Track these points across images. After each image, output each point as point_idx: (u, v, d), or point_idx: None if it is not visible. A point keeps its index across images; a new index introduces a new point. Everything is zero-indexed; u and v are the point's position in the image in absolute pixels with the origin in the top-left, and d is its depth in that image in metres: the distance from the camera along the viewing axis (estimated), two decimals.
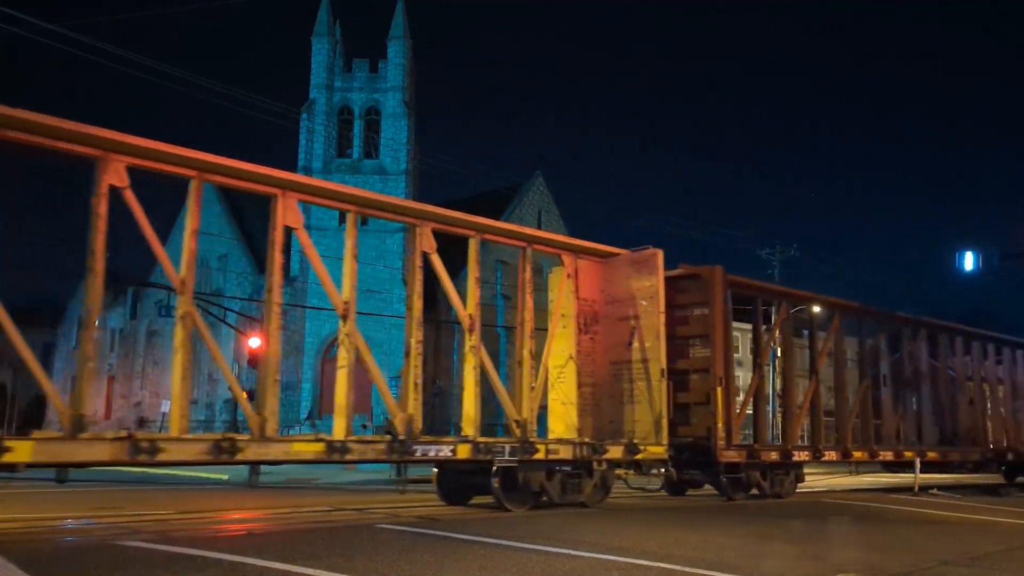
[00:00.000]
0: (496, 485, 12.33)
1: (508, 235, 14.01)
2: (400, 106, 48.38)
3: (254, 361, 34.11)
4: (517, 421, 12.97)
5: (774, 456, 16.69)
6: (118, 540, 8.79)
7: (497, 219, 15.94)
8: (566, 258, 14.63)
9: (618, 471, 14.22)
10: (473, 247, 13.04)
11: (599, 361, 15.07)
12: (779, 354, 21.70)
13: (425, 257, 12.42)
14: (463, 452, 11.84)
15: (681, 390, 15.71)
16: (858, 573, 7.78)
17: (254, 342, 35.03)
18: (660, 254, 14.63)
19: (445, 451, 11.70)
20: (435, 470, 13.75)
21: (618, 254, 15.21)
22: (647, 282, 14.60)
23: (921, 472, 20.31)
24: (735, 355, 17.78)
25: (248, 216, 49.98)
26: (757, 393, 17.56)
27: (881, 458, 19.94)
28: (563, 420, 14.56)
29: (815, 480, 25.39)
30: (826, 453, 18.20)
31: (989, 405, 24.51)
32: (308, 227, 51.45)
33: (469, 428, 12.43)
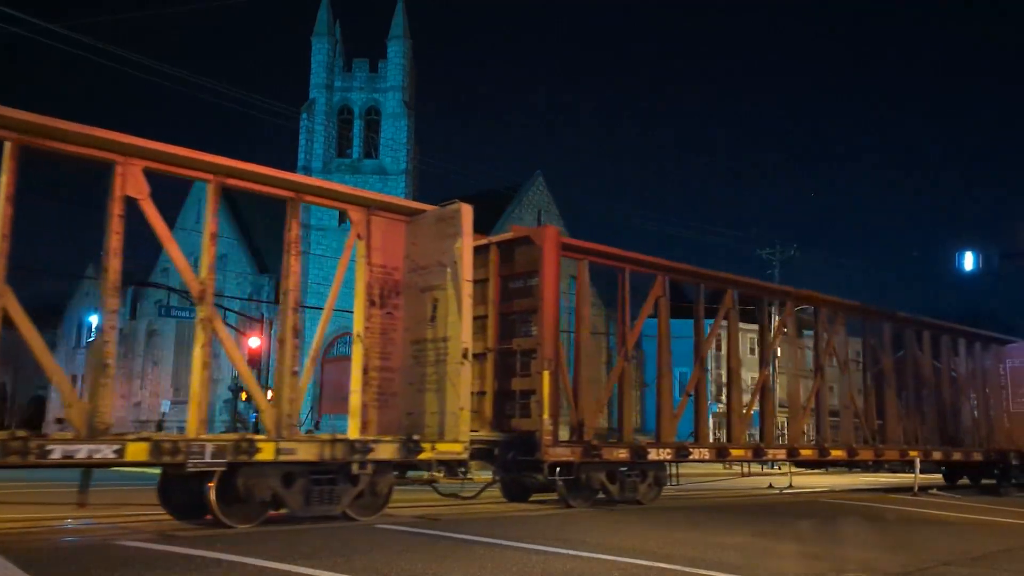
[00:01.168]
0: (212, 495, 9.81)
1: (265, 181, 11.37)
2: (400, 106, 48.38)
3: (253, 361, 34.14)
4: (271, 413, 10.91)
5: (622, 455, 14.08)
6: (118, 540, 8.78)
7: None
8: (354, 214, 12.20)
9: (430, 474, 11.84)
10: (212, 195, 11.06)
11: (399, 341, 12.58)
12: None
13: (134, 206, 10.03)
14: (136, 453, 9.14)
15: (518, 375, 13.69)
16: (858, 573, 7.78)
17: (253, 342, 35.05)
18: (467, 210, 12.21)
19: (106, 452, 8.97)
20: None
21: (423, 211, 12.78)
22: (452, 244, 12.15)
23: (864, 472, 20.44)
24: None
25: (248, 216, 50.02)
26: (622, 379, 15.02)
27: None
28: (356, 414, 12.18)
29: (816, 480, 25.39)
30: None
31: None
32: (307, 226, 51.63)
33: (194, 422, 10.19)
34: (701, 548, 9.05)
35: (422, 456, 11.41)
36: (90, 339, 61.79)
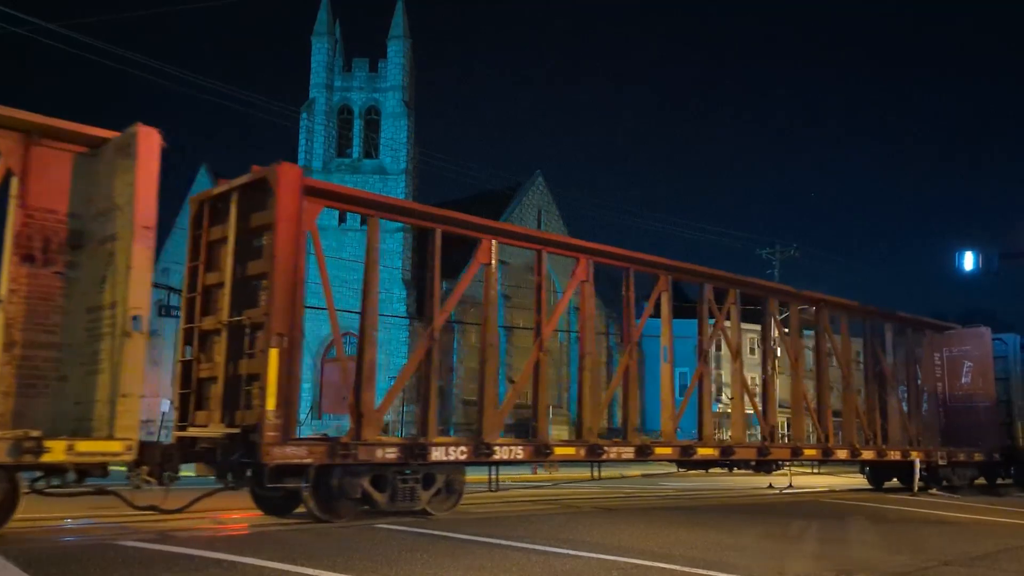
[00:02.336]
0: None
1: None
2: (400, 106, 48.39)
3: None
4: None
5: (390, 455, 11.20)
6: (117, 540, 8.78)
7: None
8: (3, 143, 9.44)
9: (137, 478, 9.91)
10: None
11: (72, 309, 9.89)
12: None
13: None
14: None
15: (246, 355, 10.98)
16: (858, 573, 7.78)
17: None
18: (147, 133, 9.60)
19: None
20: None
21: (106, 140, 10.01)
22: (126, 182, 9.55)
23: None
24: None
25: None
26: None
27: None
28: None
29: (816, 480, 25.39)
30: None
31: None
32: None
33: None
34: (701, 548, 9.05)
35: (47, 458, 8.81)
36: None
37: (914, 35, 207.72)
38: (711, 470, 27.14)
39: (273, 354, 10.36)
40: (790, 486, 22.23)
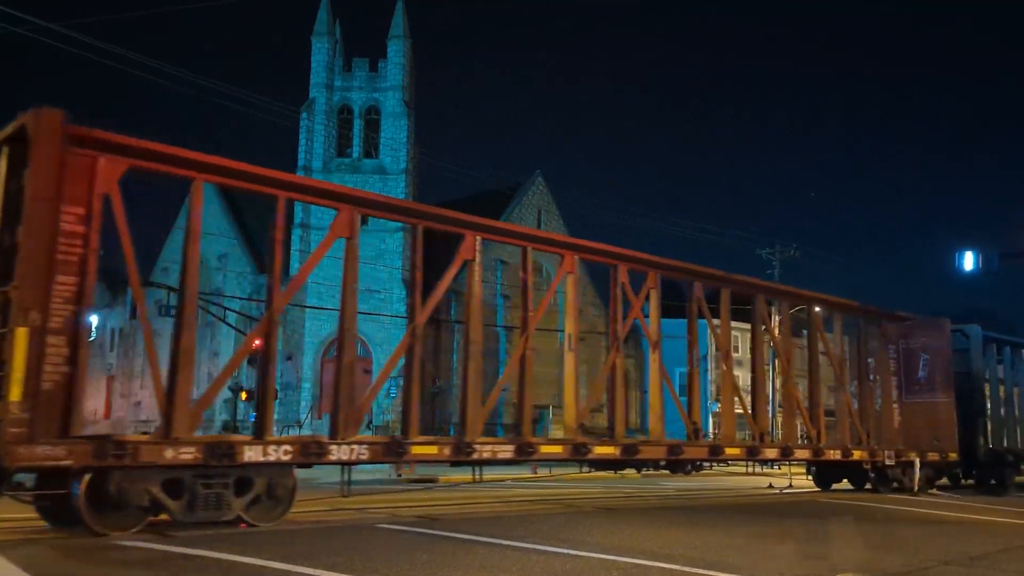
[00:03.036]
0: None
1: None
2: (400, 105, 48.38)
3: (253, 361, 34.09)
4: None
5: (185, 455, 9.51)
6: (117, 540, 8.78)
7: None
8: None
9: None
10: None
11: None
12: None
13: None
14: None
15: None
16: (858, 573, 7.78)
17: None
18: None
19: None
20: None
21: None
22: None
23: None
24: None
25: (248, 215, 50.03)
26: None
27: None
28: None
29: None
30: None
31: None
32: (307, 226, 51.65)
33: None
34: (701, 548, 9.05)
35: None
36: (90, 338, 61.67)
37: (914, 35, 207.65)
38: (711, 468, 26.84)
39: (20, 334, 8.65)
40: (790, 486, 22.22)
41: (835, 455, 18.12)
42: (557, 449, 13.43)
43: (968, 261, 25.48)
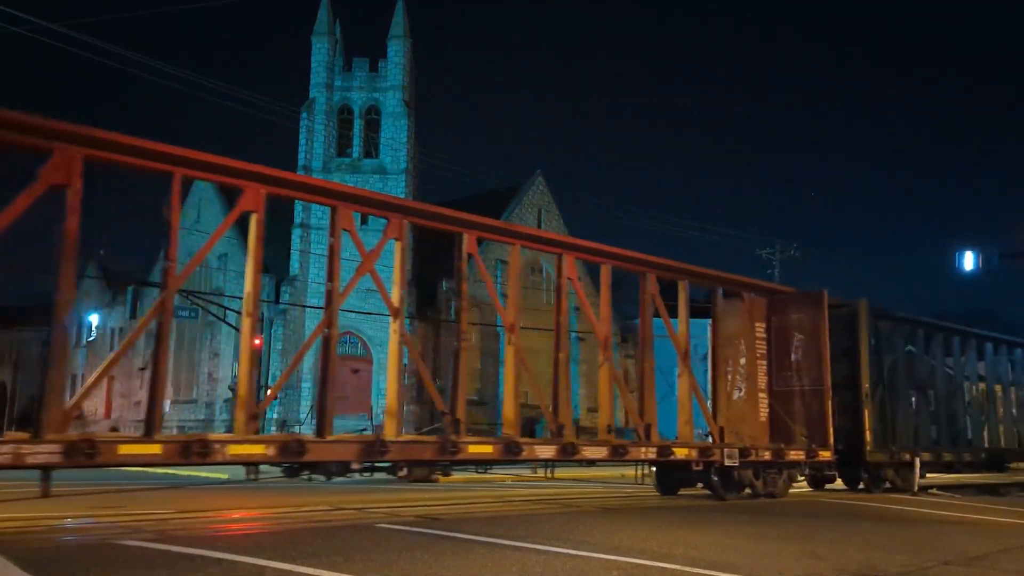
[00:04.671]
0: None
1: None
2: (400, 105, 48.38)
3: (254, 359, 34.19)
4: None
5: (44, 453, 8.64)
6: (118, 539, 8.79)
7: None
8: None
9: None
10: None
11: None
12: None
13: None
14: None
15: None
16: (858, 573, 7.78)
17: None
18: None
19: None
20: None
21: None
22: None
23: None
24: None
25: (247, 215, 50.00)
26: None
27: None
28: None
29: None
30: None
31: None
32: (308, 226, 51.81)
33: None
34: (701, 548, 9.05)
35: None
36: (90, 338, 61.76)
37: (915, 35, 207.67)
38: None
39: None
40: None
41: (648, 453, 14.64)
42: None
43: (968, 261, 25.51)
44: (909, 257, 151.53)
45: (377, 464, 12.32)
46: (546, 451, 13.64)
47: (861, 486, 19.41)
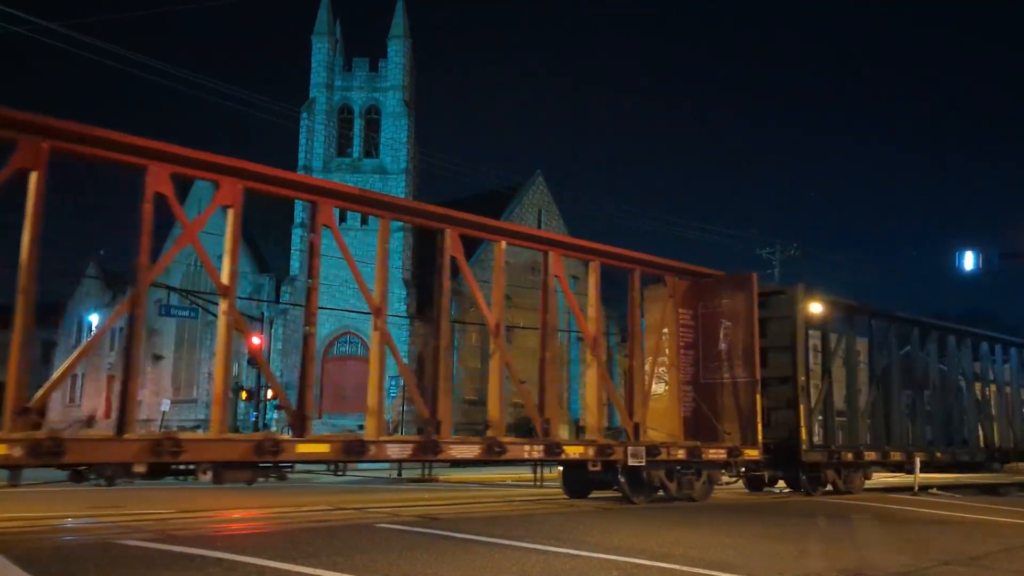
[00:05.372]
0: None
1: None
2: (400, 105, 48.37)
3: (253, 360, 34.19)
4: None
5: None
6: (118, 539, 8.79)
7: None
8: None
9: None
10: None
11: None
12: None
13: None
14: None
15: None
16: (857, 572, 7.78)
17: (253, 341, 35.18)
18: None
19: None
20: None
21: None
22: None
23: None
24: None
25: (248, 215, 49.98)
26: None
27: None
28: None
29: None
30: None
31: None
32: (306, 225, 51.39)
33: None
34: (700, 548, 9.06)
35: None
36: (90, 338, 61.75)
37: (915, 35, 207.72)
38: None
39: None
40: None
41: (531, 453, 13.17)
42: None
43: (968, 261, 25.51)
44: (909, 257, 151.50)
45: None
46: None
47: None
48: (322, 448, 11.18)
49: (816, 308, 18.76)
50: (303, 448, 10.86)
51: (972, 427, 23.22)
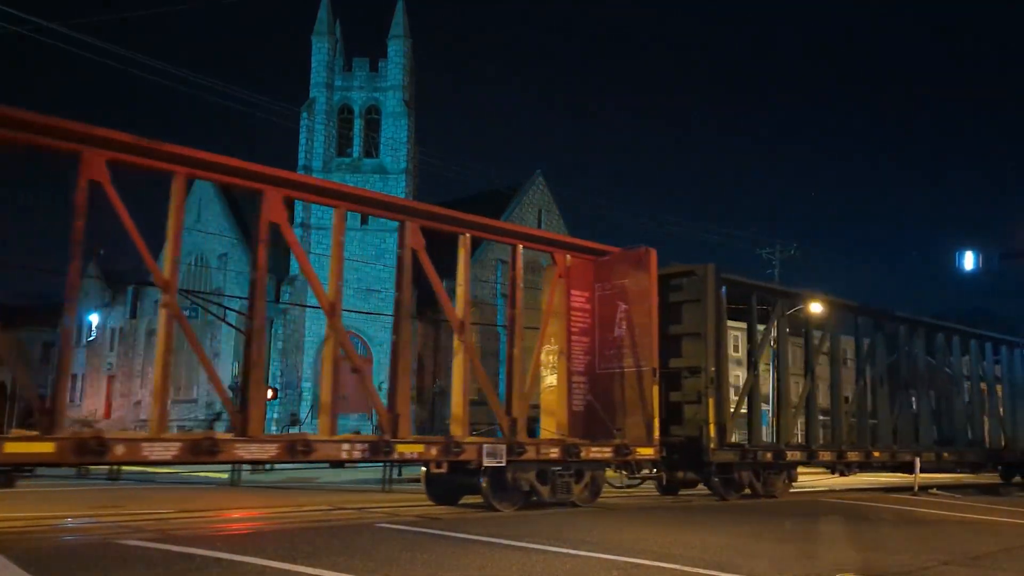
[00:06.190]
0: None
1: None
2: (400, 105, 48.39)
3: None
4: None
5: None
6: (118, 539, 8.79)
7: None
8: None
9: None
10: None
11: None
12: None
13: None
14: None
15: None
16: (858, 572, 7.78)
17: None
18: None
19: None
20: None
21: None
22: None
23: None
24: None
25: (248, 214, 50.08)
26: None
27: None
28: None
29: (816, 480, 25.39)
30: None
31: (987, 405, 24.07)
32: (308, 226, 51.72)
33: None
34: (701, 548, 9.06)
35: None
36: (90, 338, 61.75)
37: (915, 36, 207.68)
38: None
39: None
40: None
41: (351, 452, 11.17)
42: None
43: (968, 261, 25.54)
44: (909, 257, 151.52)
45: None
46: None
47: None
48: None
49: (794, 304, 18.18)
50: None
51: (961, 426, 23.05)
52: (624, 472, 14.59)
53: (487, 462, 12.17)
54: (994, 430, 24.20)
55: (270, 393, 36.10)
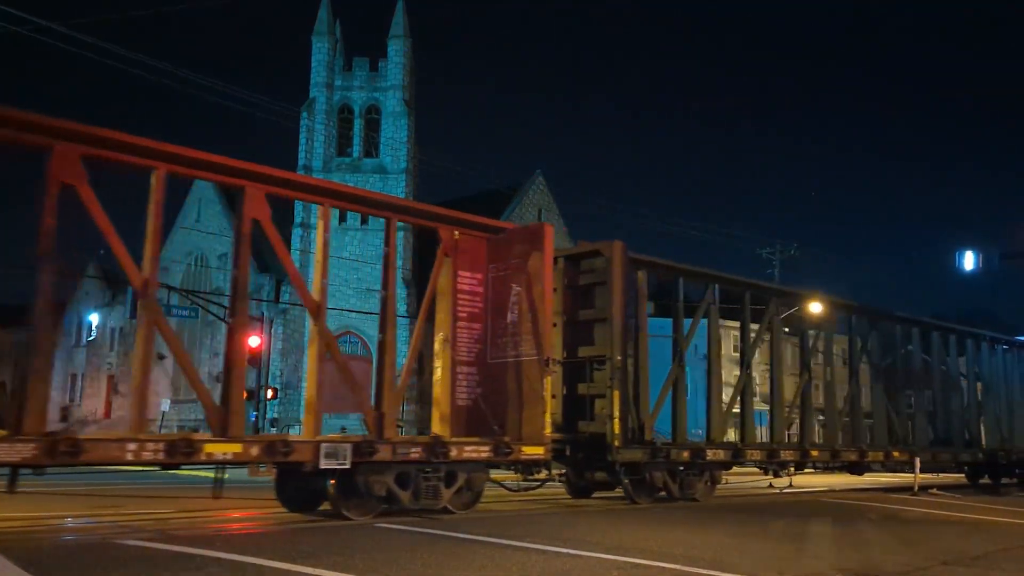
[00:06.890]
0: None
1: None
2: (400, 105, 48.40)
3: (253, 360, 34.23)
4: None
5: None
6: (118, 539, 8.78)
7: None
8: None
9: None
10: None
11: None
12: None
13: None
14: None
15: None
16: (857, 572, 7.78)
17: (253, 341, 35.23)
18: None
19: None
20: None
21: None
22: None
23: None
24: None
25: None
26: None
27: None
28: None
29: (816, 480, 25.39)
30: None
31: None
32: (307, 226, 51.72)
33: None
34: (701, 547, 9.06)
35: None
36: (90, 338, 61.76)
37: (915, 36, 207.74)
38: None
39: None
40: (790, 485, 22.21)
41: (156, 453, 9.35)
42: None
43: (968, 261, 25.54)
44: (909, 257, 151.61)
45: None
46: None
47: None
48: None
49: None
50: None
51: (958, 426, 23.03)
52: (522, 475, 13.53)
53: (326, 464, 10.44)
54: (992, 430, 24.17)
55: (270, 393, 36.15)
